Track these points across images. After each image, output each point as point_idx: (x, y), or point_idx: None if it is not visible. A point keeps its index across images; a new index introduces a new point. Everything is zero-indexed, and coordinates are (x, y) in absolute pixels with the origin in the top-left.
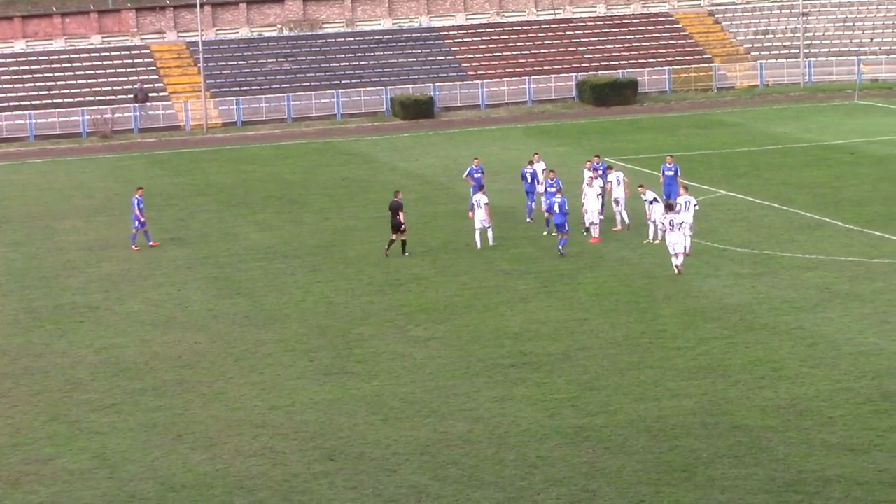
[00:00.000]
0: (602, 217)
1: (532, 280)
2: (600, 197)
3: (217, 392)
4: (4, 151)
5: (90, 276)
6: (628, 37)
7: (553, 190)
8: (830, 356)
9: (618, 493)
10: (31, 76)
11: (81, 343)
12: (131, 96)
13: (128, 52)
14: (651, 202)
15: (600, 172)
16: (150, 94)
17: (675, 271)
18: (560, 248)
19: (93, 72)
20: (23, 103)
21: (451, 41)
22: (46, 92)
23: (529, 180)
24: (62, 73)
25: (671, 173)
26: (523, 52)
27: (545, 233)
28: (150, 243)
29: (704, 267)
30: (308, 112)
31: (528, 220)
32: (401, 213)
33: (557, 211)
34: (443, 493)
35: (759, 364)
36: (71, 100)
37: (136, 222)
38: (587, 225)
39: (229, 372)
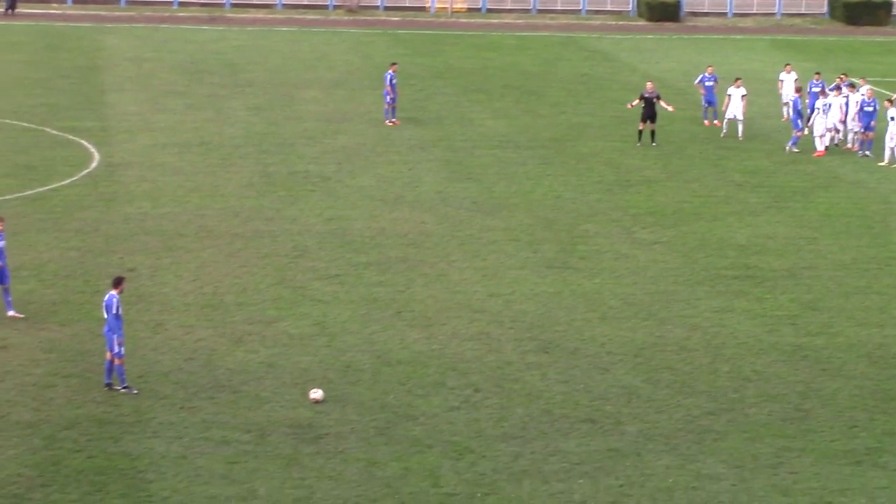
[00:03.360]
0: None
1: (763, 194)
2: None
3: (439, 273)
4: (252, 17)
5: (325, 146)
6: None
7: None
8: None
9: (831, 416)
10: None
11: (311, 212)
12: None
13: None
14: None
15: (822, 90)
16: None
17: None
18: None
19: None
20: None
21: None
22: None
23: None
24: None
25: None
26: None
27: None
28: (388, 121)
29: None
30: (553, 5)
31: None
32: (662, 102)
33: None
34: (654, 397)
35: None
36: None
37: (388, 98)
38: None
39: (453, 255)
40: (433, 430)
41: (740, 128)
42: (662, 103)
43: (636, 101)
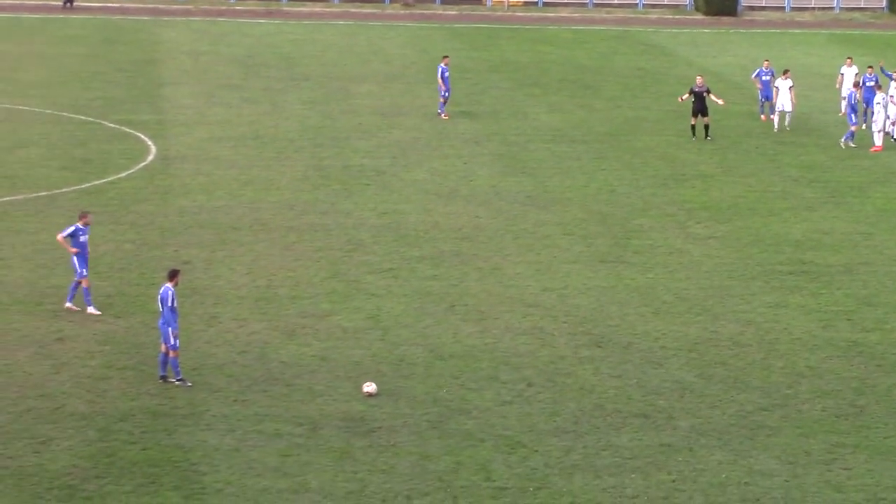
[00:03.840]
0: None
1: (820, 189)
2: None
3: (493, 267)
4: (309, 10)
5: (380, 140)
6: None
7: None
8: None
9: (886, 412)
10: None
11: (366, 205)
12: None
13: None
14: None
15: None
16: None
17: None
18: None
19: None
20: None
21: None
22: None
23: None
24: None
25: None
26: None
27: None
28: (443, 115)
29: None
30: None
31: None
32: (712, 96)
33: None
34: (707, 392)
35: None
36: None
37: (441, 91)
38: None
39: (507, 249)
40: (485, 425)
41: (788, 118)
42: (712, 97)
43: (686, 96)
